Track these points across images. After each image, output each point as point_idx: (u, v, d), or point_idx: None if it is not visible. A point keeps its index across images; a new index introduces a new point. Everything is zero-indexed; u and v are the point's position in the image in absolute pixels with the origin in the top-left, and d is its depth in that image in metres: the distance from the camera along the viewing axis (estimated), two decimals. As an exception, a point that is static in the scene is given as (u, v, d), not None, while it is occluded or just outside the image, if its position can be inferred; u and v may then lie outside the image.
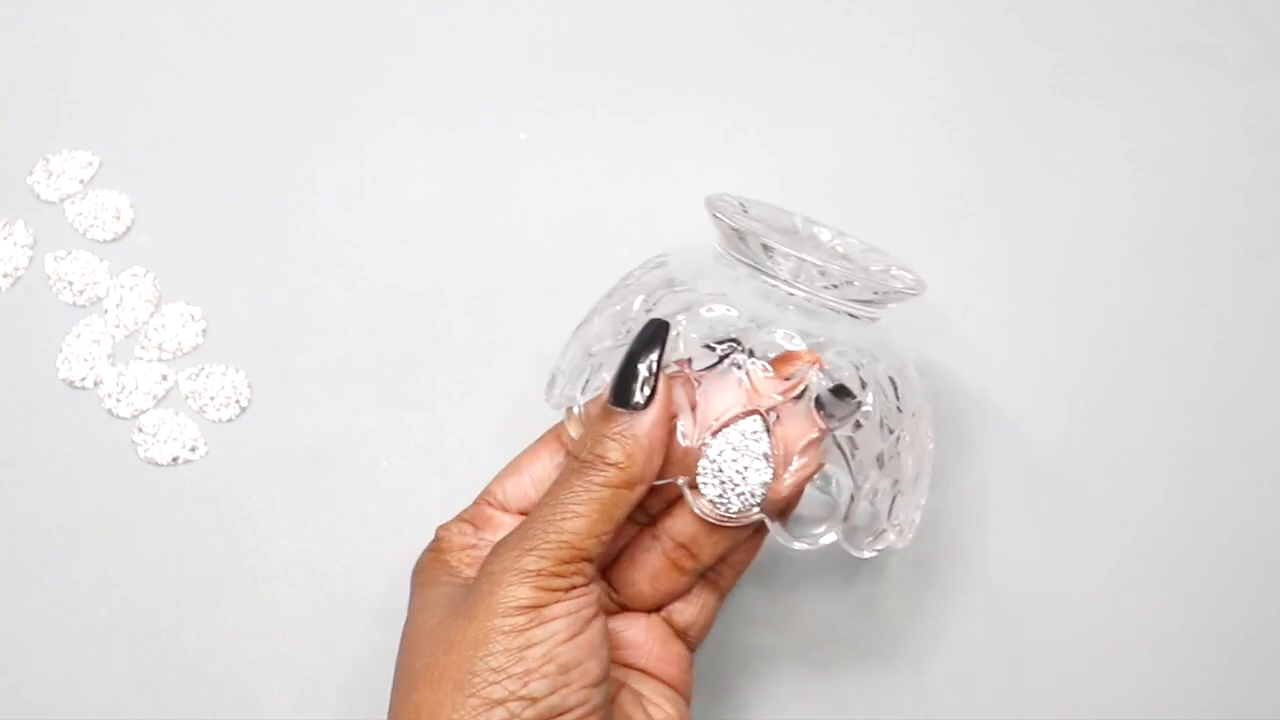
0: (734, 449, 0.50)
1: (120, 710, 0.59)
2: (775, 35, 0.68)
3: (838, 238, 0.57)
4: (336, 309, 0.63)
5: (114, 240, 0.64)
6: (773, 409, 0.51)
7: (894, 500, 0.53)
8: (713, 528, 0.52)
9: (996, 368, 0.64)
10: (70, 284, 0.63)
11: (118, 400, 0.62)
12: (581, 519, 0.49)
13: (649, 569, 0.53)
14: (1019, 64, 0.68)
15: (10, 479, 0.61)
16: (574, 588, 0.48)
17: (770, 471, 0.51)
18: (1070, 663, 0.61)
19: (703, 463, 0.51)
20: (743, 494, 0.51)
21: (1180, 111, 0.67)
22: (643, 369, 0.50)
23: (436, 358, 0.63)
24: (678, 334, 0.52)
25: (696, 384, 0.51)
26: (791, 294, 0.52)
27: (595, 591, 0.49)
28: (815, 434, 0.51)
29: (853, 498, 0.52)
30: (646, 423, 0.49)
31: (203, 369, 0.63)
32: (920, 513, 0.54)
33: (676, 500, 0.52)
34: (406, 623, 0.50)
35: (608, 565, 0.54)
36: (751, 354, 0.52)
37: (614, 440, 0.49)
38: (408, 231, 0.64)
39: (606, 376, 0.51)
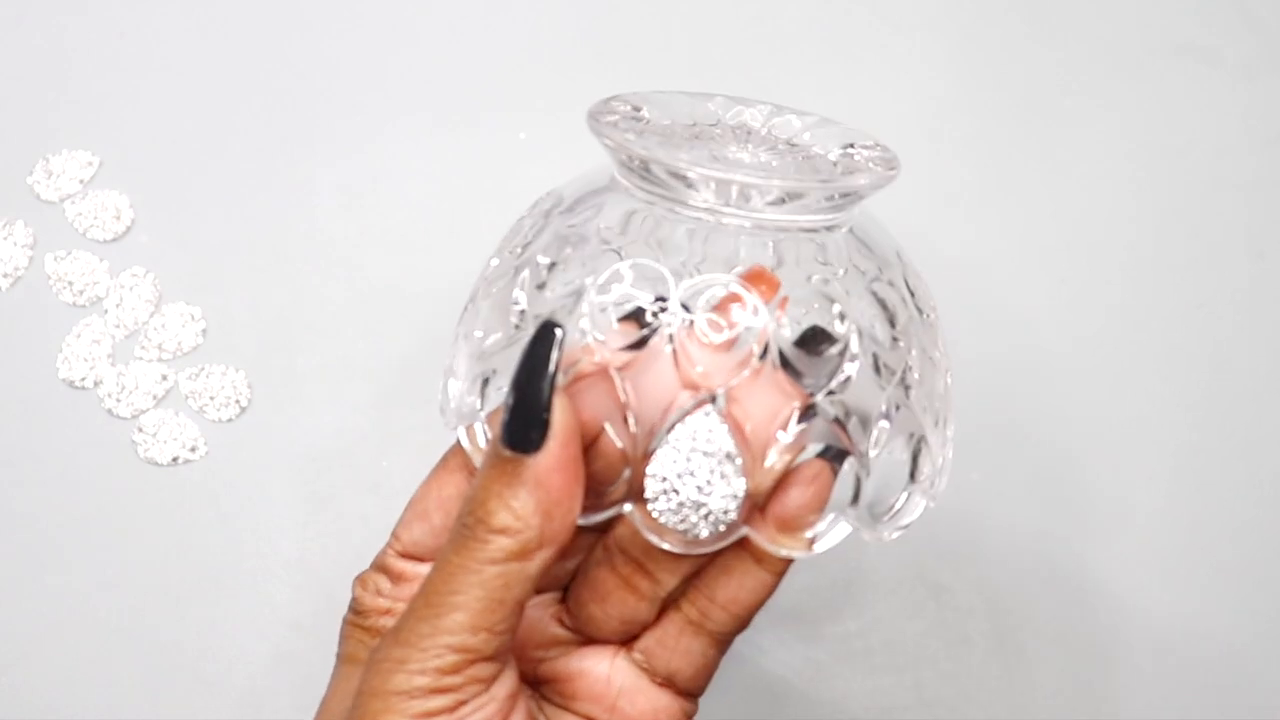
0: (687, 459, 0.38)
1: (120, 710, 0.59)
2: (775, 35, 0.68)
3: (775, 117, 0.45)
4: (337, 309, 0.63)
5: (114, 240, 0.64)
6: (726, 390, 0.39)
7: (916, 455, 0.41)
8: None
9: (996, 367, 0.64)
10: (70, 284, 0.63)
11: (118, 400, 0.62)
12: (462, 612, 0.37)
13: (599, 589, 0.42)
14: (1019, 64, 0.68)
15: (10, 479, 0.61)
16: (464, 703, 0.38)
17: (742, 481, 0.39)
18: (1070, 662, 0.61)
19: (649, 482, 0.39)
20: (710, 515, 0.39)
21: (1180, 111, 0.67)
22: (536, 397, 0.37)
23: (436, 358, 0.63)
24: (584, 325, 0.39)
25: (618, 378, 0.39)
26: (724, 223, 0.40)
27: (501, 694, 0.39)
28: (791, 407, 0.39)
29: (859, 477, 0.41)
30: (540, 470, 0.37)
31: (203, 369, 0.63)
32: (951, 447, 0.43)
33: None
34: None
35: (566, 582, 0.45)
36: (687, 312, 0.39)
37: (497, 498, 0.38)
38: (408, 231, 0.64)
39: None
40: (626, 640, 0.43)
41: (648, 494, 0.39)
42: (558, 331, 0.38)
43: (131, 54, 0.66)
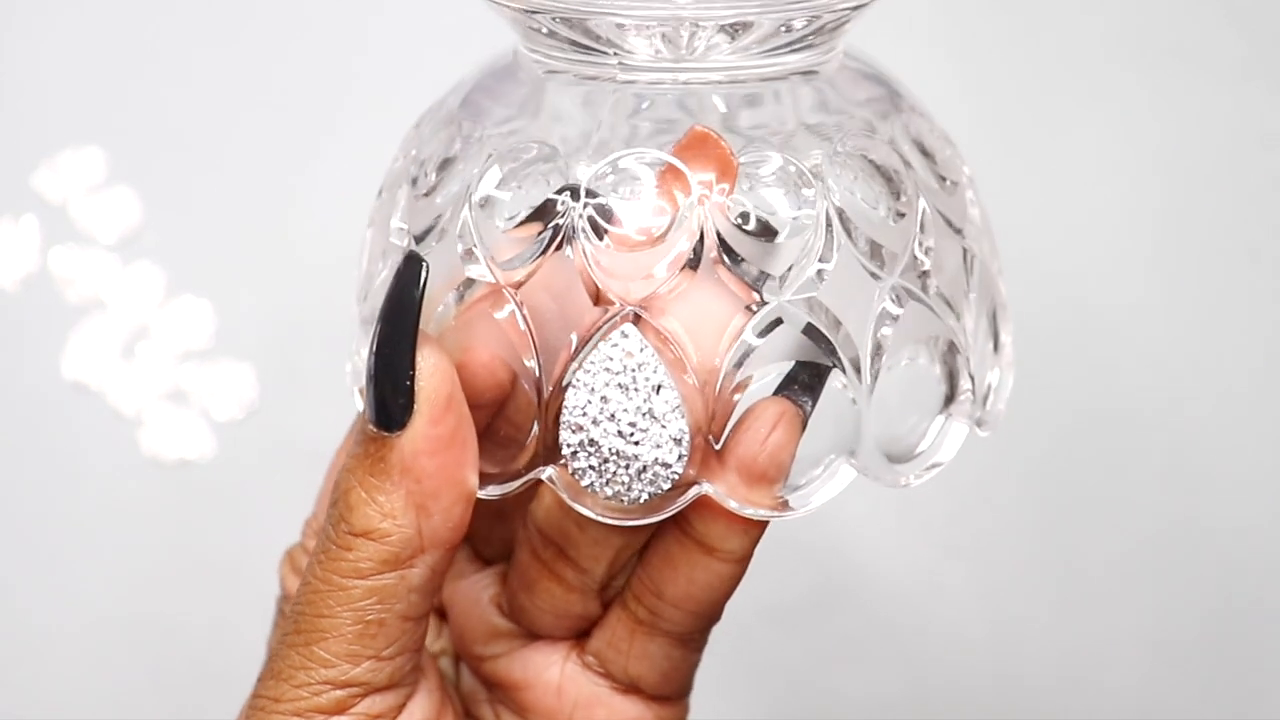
0: (602, 398, 0.29)
1: (124, 708, 0.59)
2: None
3: None
4: (343, 307, 0.64)
5: (120, 239, 0.64)
6: (650, 301, 0.29)
7: (951, 369, 0.31)
8: (584, 518, 0.31)
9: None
10: (76, 282, 0.64)
11: (123, 399, 0.62)
12: (334, 639, 0.30)
13: (524, 576, 0.34)
14: (1018, 64, 0.68)
15: (14, 477, 0.61)
16: None
17: (682, 421, 0.29)
18: (1069, 662, 0.61)
19: (563, 434, 0.29)
20: (645, 470, 0.29)
21: (1177, 112, 0.67)
22: (398, 356, 0.29)
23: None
24: (468, 238, 0.30)
25: (514, 299, 0.30)
26: (655, 82, 0.30)
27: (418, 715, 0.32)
28: (742, 313, 0.30)
29: (856, 405, 0.30)
30: (406, 453, 0.29)
31: (208, 367, 0.63)
32: (1009, 354, 0.33)
33: None
34: None
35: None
36: (601, 210, 0.29)
37: (360, 489, 0.30)
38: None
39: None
40: (577, 635, 0.35)
41: (564, 450, 0.29)
42: (423, 267, 0.29)
43: (138, 51, 0.66)
